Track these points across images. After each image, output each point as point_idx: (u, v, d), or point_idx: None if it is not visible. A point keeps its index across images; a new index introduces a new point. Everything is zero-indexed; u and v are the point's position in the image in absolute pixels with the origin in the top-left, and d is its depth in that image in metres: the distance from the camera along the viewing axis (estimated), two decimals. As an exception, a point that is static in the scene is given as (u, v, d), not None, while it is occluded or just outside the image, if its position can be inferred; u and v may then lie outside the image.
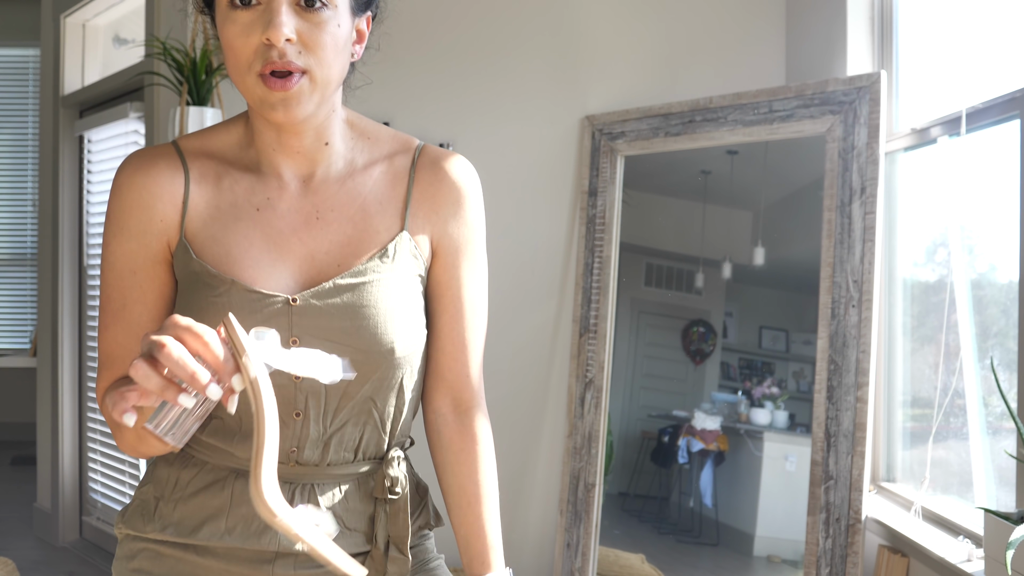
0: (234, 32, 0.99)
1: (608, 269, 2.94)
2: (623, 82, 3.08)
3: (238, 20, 0.99)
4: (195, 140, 1.12)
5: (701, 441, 2.77)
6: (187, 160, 1.09)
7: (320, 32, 0.99)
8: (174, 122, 2.85)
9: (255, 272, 1.06)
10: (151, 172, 1.07)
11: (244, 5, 0.98)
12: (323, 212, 1.09)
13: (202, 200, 1.08)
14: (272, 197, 1.09)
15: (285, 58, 0.97)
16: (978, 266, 2.28)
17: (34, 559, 3.86)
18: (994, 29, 2.25)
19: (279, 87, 0.98)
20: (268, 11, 0.97)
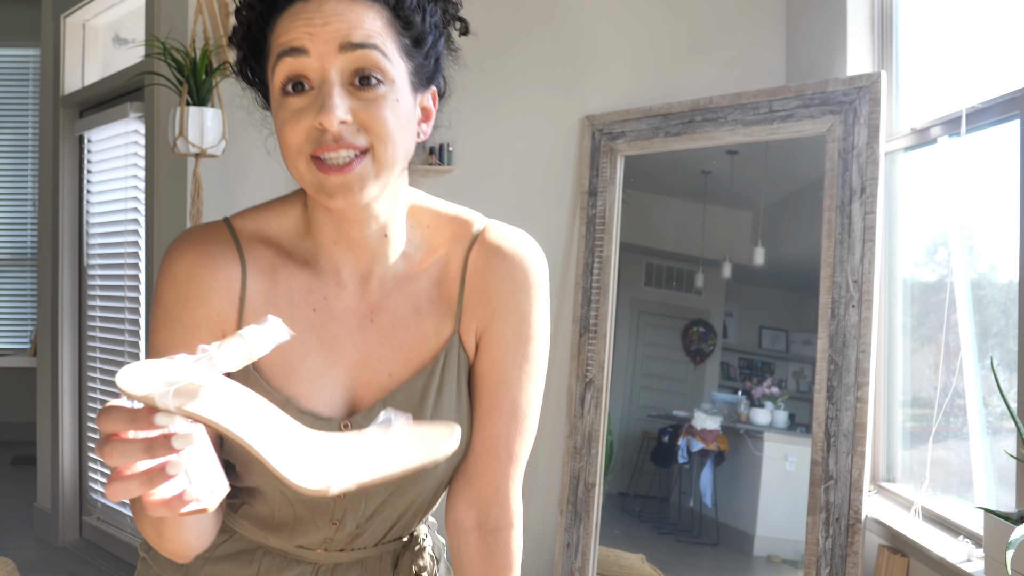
0: (284, 118, 0.92)
1: (608, 269, 2.94)
2: (623, 82, 3.08)
3: (290, 106, 0.92)
4: (250, 222, 1.04)
5: (701, 441, 2.77)
6: (243, 247, 1.01)
7: (378, 108, 0.91)
8: (174, 122, 2.85)
9: (310, 386, 1.00)
10: (208, 264, 0.99)
11: (296, 92, 0.91)
12: (378, 314, 1.02)
13: (259, 295, 1.01)
14: (329, 297, 1.02)
15: (342, 140, 0.90)
16: (978, 266, 2.28)
17: (34, 559, 3.86)
18: (994, 29, 2.25)
19: (337, 172, 0.90)
20: (321, 94, 0.90)
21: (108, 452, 0.70)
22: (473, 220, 1.06)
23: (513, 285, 1.04)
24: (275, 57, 0.92)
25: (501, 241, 1.05)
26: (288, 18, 0.92)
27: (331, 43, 0.90)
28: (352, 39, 0.90)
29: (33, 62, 6.11)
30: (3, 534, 4.24)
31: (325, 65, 0.90)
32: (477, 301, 1.04)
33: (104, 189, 3.86)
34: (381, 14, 0.93)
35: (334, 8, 0.91)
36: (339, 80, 0.90)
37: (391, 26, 0.93)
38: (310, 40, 0.90)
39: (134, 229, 3.62)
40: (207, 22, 2.93)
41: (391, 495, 1.04)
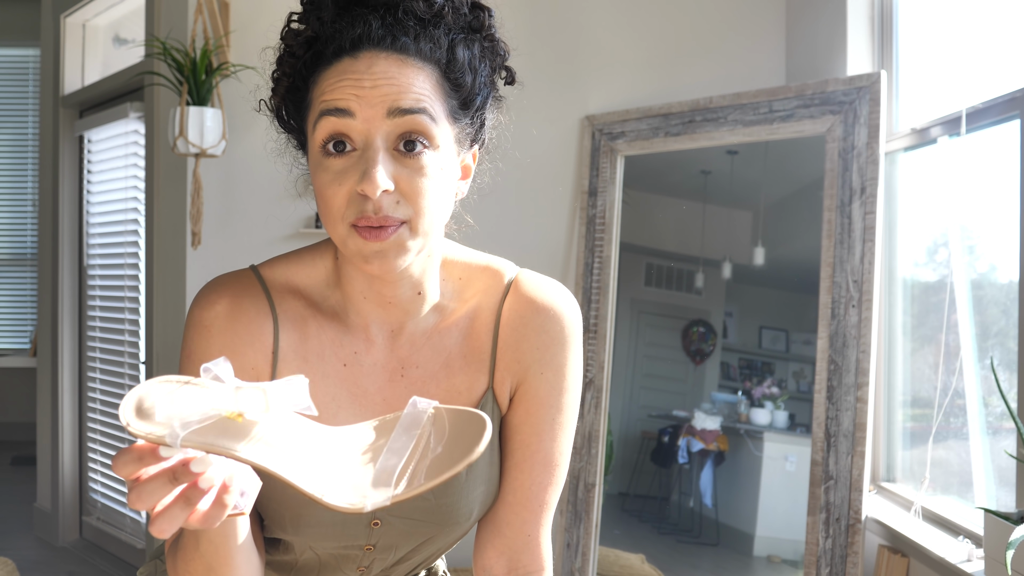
0: (326, 180, 0.89)
1: (608, 269, 2.94)
2: (623, 82, 3.08)
3: (331, 168, 0.88)
4: (279, 271, 1.01)
5: (701, 441, 2.77)
6: (274, 299, 0.99)
7: (421, 179, 0.88)
8: (174, 122, 2.85)
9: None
10: (241, 316, 0.97)
11: (338, 151, 0.88)
12: (408, 369, 1.01)
13: (290, 348, 0.98)
14: (359, 351, 1.00)
15: (381, 213, 0.87)
16: (978, 266, 2.28)
17: (34, 559, 3.86)
18: (994, 29, 2.25)
19: (373, 238, 0.87)
20: (364, 160, 0.87)
21: (136, 498, 0.71)
22: (504, 270, 1.04)
23: (548, 339, 1.02)
24: (319, 114, 0.88)
25: (534, 293, 1.03)
26: (335, 74, 0.89)
27: (379, 107, 0.86)
28: (401, 105, 0.87)
29: (33, 62, 6.11)
30: (3, 534, 4.24)
31: (371, 129, 0.87)
32: (511, 356, 1.02)
33: (104, 189, 3.86)
34: (431, 76, 0.90)
35: (384, 70, 0.88)
36: (384, 145, 0.87)
37: (440, 88, 0.90)
38: (357, 102, 0.87)
39: (134, 229, 3.62)
40: (207, 22, 2.93)
41: (421, 544, 1.04)
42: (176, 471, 0.70)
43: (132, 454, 0.71)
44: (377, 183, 0.85)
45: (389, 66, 0.88)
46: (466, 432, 0.76)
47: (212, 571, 0.87)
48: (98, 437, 3.91)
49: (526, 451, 1.03)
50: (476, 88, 0.94)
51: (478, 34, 0.94)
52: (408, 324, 1.00)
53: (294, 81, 0.93)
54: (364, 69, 0.87)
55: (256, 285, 0.99)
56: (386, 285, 0.97)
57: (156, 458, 0.70)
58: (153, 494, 0.70)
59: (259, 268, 1.01)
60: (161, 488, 0.70)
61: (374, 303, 0.98)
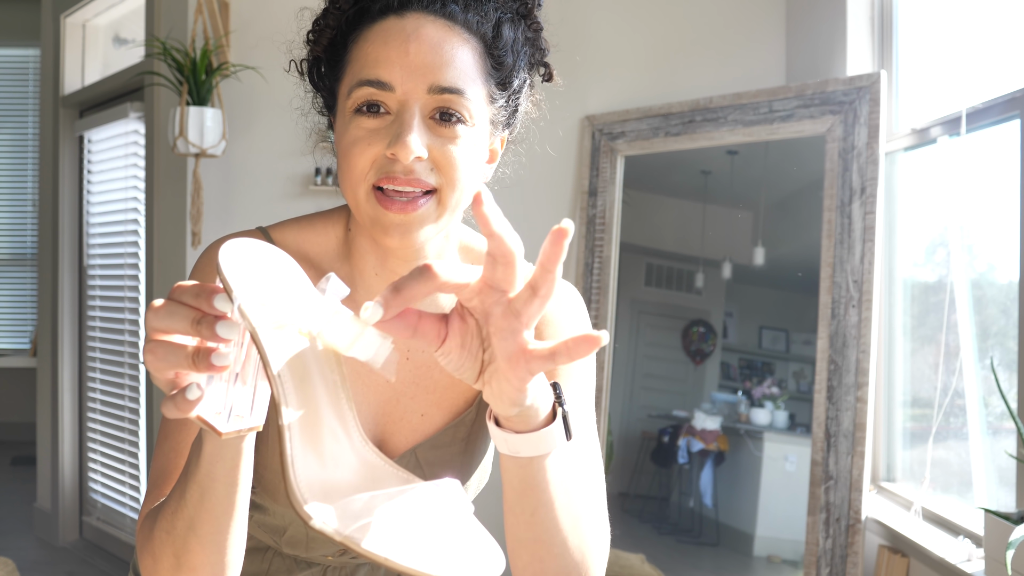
0: (355, 137, 0.85)
1: (608, 269, 2.95)
2: (623, 82, 3.08)
3: (362, 126, 0.85)
4: (291, 235, 0.97)
5: (701, 441, 2.77)
6: None
7: (455, 149, 0.85)
8: (174, 122, 2.85)
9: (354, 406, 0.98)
10: None
11: (372, 112, 0.85)
12: (414, 353, 0.99)
13: None
14: None
15: (412, 175, 0.83)
16: (978, 266, 2.28)
17: (34, 559, 3.86)
18: (994, 29, 2.25)
19: (399, 209, 0.84)
20: (398, 122, 0.84)
21: (151, 349, 0.66)
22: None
23: (555, 331, 1.00)
24: (356, 82, 0.85)
25: None
26: (378, 34, 0.86)
27: (419, 82, 0.84)
28: (442, 82, 0.84)
29: (33, 62, 6.11)
30: (3, 534, 4.24)
31: (409, 99, 0.84)
32: None
33: (104, 189, 3.86)
34: (476, 49, 0.88)
35: (430, 35, 0.85)
36: (420, 112, 0.85)
37: (482, 63, 0.88)
38: (399, 72, 0.84)
39: (134, 229, 3.62)
40: (207, 22, 2.93)
41: None
42: (200, 351, 0.65)
43: (195, 288, 0.66)
44: (411, 148, 0.82)
45: (435, 31, 0.85)
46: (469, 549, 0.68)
47: (193, 531, 0.79)
48: (98, 437, 3.91)
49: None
50: (515, 71, 0.92)
51: (525, 20, 0.93)
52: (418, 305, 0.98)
53: (336, 35, 0.90)
54: (410, 31, 0.85)
55: None
56: (400, 262, 0.93)
57: (208, 304, 0.65)
58: (167, 359, 0.66)
59: (269, 231, 0.97)
60: (178, 360, 0.65)
61: (385, 281, 0.95)
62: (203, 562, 0.80)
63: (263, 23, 3.01)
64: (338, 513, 0.65)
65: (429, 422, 1.00)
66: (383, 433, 1.00)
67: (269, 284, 0.67)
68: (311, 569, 1.07)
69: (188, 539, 0.79)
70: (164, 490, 0.89)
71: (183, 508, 0.79)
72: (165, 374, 0.67)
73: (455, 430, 1.01)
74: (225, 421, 0.68)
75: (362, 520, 0.66)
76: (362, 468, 0.70)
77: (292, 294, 0.68)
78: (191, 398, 0.65)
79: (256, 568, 1.07)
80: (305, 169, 3.00)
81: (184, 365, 0.65)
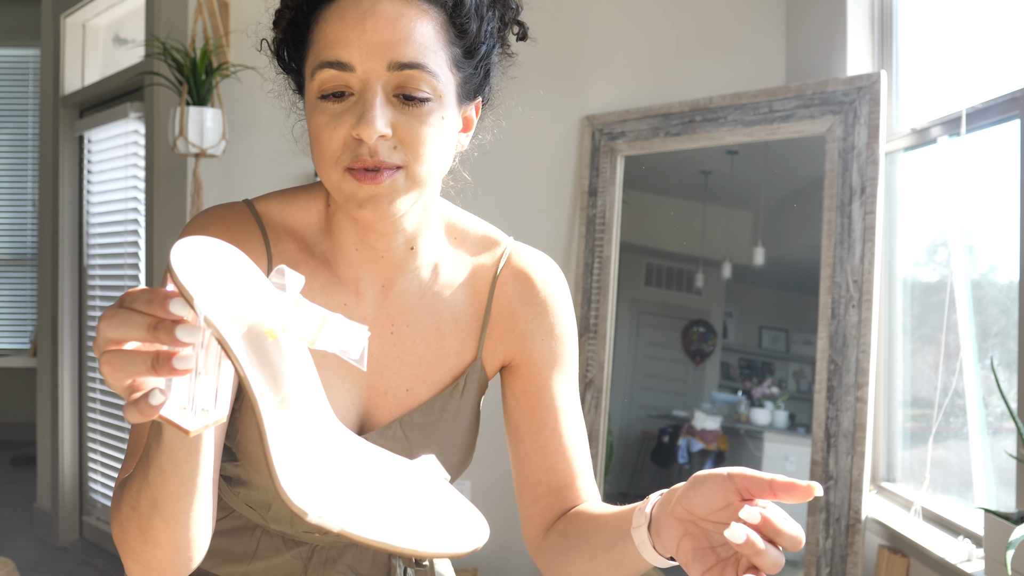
0: (321, 123, 0.87)
1: (608, 269, 2.95)
2: (623, 82, 3.08)
3: (327, 111, 0.86)
4: (275, 208, 0.98)
5: (701, 441, 2.77)
6: (269, 237, 0.96)
7: (420, 126, 0.86)
8: (174, 122, 2.85)
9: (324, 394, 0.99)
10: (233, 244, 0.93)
11: (335, 98, 0.86)
12: (398, 327, 0.99)
13: None
14: (348, 303, 0.98)
15: (377, 156, 0.85)
16: (978, 266, 2.28)
17: (34, 559, 3.86)
18: (994, 29, 2.25)
19: (368, 180, 0.85)
20: (361, 103, 0.85)
21: (108, 360, 0.64)
22: (501, 240, 1.05)
23: (541, 308, 1.04)
24: (317, 64, 0.87)
25: (526, 266, 1.04)
26: (336, 13, 0.87)
27: (379, 59, 0.85)
28: (401, 58, 0.85)
29: (33, 62, 6.11)
30: (3, 534, 4.24)
31: (370, 78, 0.85)
32: (505, 325, 1.03)
33: (104, 189, 3.86)
34: (436, 20, 0.88)
35: (386, 11, 0.85)
36: (383, 91, 0.85)
37: (444, 33, 0.88)
38: (357, 51, 0.85)
39: (134, 229, 3.62)
40: (207, 22, 2.93)
41: None
42: (160, 357, 0.63)
43: (147, 294, 0.64)
44: (375, 127, 0.84)
45: (392, 7, 0.86)
46: (456, 521, 0.71)
47: (157, 510, 0.79)
48: (98, 437, 3.91)
49: (557, 416, 1.04)
50: (482, 36, 0.92)
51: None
52: (400, 280, 0.99)
53: (296, 16, 0.91)
54: (367, 8, 0.85)
55: (252, 220, 0.97)
56: (379, 237, 0.95)
57: (163, 309, 0.63)
58: (125, 368, 0.64)
59: (254, 203, 0.98)
60: (136, 366, 0.64)
61: (365, 256, 0.97)
62: (168, 539, 0.81)
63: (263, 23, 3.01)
64: (329, 502, 0.66)
65: (414, 396, 1.01)
66: (368, 407, 1.00)
67: (226, 283, 0.66)
68: (299, 548, 1.07)
69: (152, 517, 0.80)
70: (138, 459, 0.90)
71: (146, 488, 0.79)
72: (122, 382, 0.65)
73: (442, 402, 1.01)
74: (191, 417, 0.66)
75: (351, 506, 0.67)
76: (343, 452, 0.71)
77: (250, 291, 0.67)
78: (155, 403, 0.64)
79: (244, 547, 1.07)
80: (305, 169, 3.00)
81: (144, 372, 0.64)
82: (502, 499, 3.14)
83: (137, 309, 0.64)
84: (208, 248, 0.67)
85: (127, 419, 0.65)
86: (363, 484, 0.71)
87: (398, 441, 1.00)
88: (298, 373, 0.70)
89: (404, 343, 1.00)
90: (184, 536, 0.82)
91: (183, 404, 0.66)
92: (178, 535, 0.81)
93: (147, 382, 0.65)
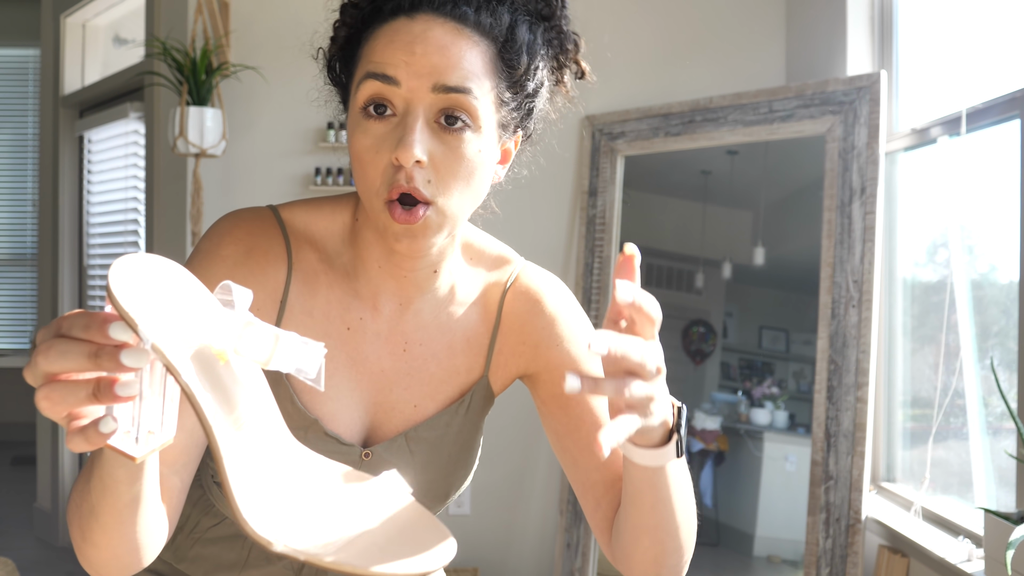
0: (364, 145, 0.86)
1: (608, 269, 2.94)
2: (623, 82, 3.08)
3: (370, 131, 0.86)
4: (300, 216, 0.98)
5: (701, 441, 2.77)
6: (292, 247, 0.96)
7: (457, 159, 0.86)
8: (174, 122, 2.85)
9: (334, 406, 0.97)
10: (258, 256, 0.94)
11: (378, 115, 0.86)
12: (411, 345, 1.00)
13: (298, 301, 0.96)
14: (365, 318, 0.98)
15: (412, 183, 0.85)
16: (978, 266, 2.28)
17: (34, 559, 3.86)
18: (994, 29, 2.25)
19: (403, 219, 0.85)
20: (402, 125, 0.85)
21: (46, 395, 0.60)
22: (512, 260, 1.06)
23: (551, 320, 1.03)
24: (364, 75, 0.86)
25: (533, 284, 1.05)
26: (387, 33, 0.86)
27: (425, 79, 0.84)
28: (447, 82, 0.85)
29: (33, 62, 6.11)
30: (3, 534, 4.24)
31: (414, 99, 0.85)
32: (515, 340, 1.03)
33: (104, 189, 3.86)
34: (486, 53, 0.87)
35: (437, 38, 0.85)
36: (424, 115, 0.85)
37: (492, 67, 0.88)
38: (405, 70, 0.84)
39: (134, 229, 3.62)
40: (207, 22, 2.93)
41: None
42: (101, 384, 0.60)
43: (84, 319, 0.60)
44: (412, 152, 0.83)
45: (444, 34, 0.86)
46: (422, 539, 0.68)
47: (95, 516, 0.77)
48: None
49: (592, 413, 1.01)
50: (530, 74, 0.92)
51: (546, 21, 0.93)
52: (417, 299, 0.99)
53: (351, 32, 0.91)
54: (418, 32, 0.85)
55: (276, 227, 0.97)
56: (404, 260, 0.95)
57: (102, 334, 0.59)
58: (65, 399, 0.60)
59: (279, 209, 0.98)
60: (77, 397, 0.60)
61: (388, 274, 0.96)
62: (106, 543, 0.80)
63: (263, 23, 3.01)
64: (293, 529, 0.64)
65: (421, 412, 1.01)
66: (373, 421, 1.00)
67: (170, 304, 0.61)
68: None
69: (90, 522, 0.79)
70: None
71: (87, 494, 0.77)
72: (61, 414, 0.62)
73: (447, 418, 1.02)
74: (135, 443, 0.62)
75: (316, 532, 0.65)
76: (303, 474, 0.69)
77: (197, 311, 0.63)
78: (106, 431, 0.60)
79: (235, 556, 1.07)
80: (305, 169, 3.00)
81: (86, 402, 0.60)
82: (502, 499, 3.15)
83: (74, 336, 0.60)
84: (150, 266, 0.63)
85: (71, 449, 0.62)
86: (326, 507, 0.68)
87: (402, 455, 1.00)
88: (251, 394, 0.67)
89: (416, 361, 1.00)
90: (123, 543, 0.80)
91: (126, 428, 0.62)
92: (115, 541, 0.80)
93: (88, 410, 0.62)
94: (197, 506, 1.09)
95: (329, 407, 0.97)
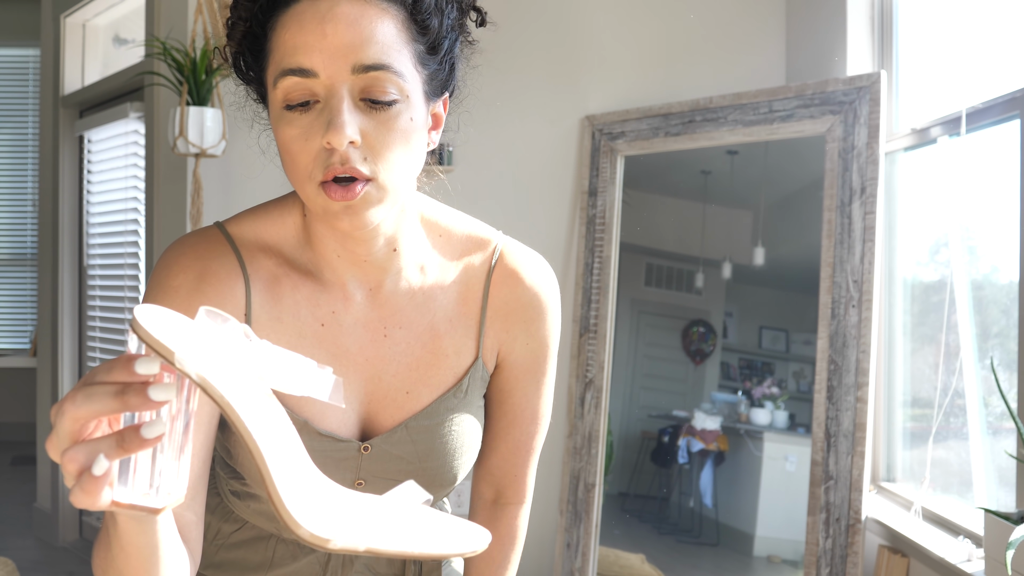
0: (291, 135, 0.85)
1: (608, 269, 2.94)
2: (623, 82, 3.08)
3: (295, 122, 0.84)
4: (247, 228, 0.97)
5: (701, 441, 2.77)
6: (244, 259, 0.95)
7: (389, 132, 0.84)
8: (174, 122, 2.85)
9: (322, 404, 0.96)
10: (210, 279, 0.91)
11: (302, 108, 0.84)
12: (391, 329, 0.99)
13: (264, 311, 0.94)
14: (337, 310, 0.97)
15: (348, 163, 0.83)
16: (979, 266, 2.28)
17: (34, 559, 3.86)
18: (994, 29, 2.25)
19: (340, 196, 0.84)
20: (328, 109, 0.83)
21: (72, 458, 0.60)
22: (491, 239, 1.04)
23: (533, 313, 1.05)
24: (279, 72, 0.84)
25: (519, 267, 1.04)
26: (293, 19, 0.84)
27: (342, 61, 0.82)
28: (365, 61, 0.83)
29: (33, 62, 6.11)
30: (3, 534, 4.24)
31: (334, 83, 0.83)
32: (500, 325, 1.04)
33: (104, 189, 3.86)
34: (396, 18, 0.85)
35: (346, 13, 0.83)
36: (349, 94, 0.83)
37: (406, 31, 0.86)
38: (319, 56, 0.82)
39: (134, 229, 3.62)
40: (207, 22, 2.93)
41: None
42: (126, 433, 0.60)
43: (106, 364, 0.60)
44: (344, 133, 0.82)
45: (351, 8, 0.83)
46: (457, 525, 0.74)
47: (111, 559, 0.78)
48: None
49: (516, 410, 1.09)
50: (444, 31, 0.90)
51: None
52: (386, 282, 0.98)
53: (251, 27, 0.88)
54: (325, 11, 0.83)
55: (225, 244, 0.95)
56: (359, 243, 0.93)
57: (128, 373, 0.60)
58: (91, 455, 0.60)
59: (226, 225, 0.97)
60: (106, 449, 0.60)
61: (348, 262, 0.95)
62: None
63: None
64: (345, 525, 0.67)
65: (416, 399, 1.00)
66: (369, 412, 1.00)
67: (193, 335, 0.62)
68: (316, 553, 1.07)
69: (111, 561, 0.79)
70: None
71: (112, 560, 0.78)
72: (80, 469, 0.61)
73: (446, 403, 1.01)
74: (155, 497, 0.62)
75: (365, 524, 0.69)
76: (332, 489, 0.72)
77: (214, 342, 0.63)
78: (98, 473, 0.60)
79: (261, 557, 1.07)
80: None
81: (114, 455, 0.60)
82: (502, 499, 3.14)
83: (99, 381, 0.60)
84: (166, 312, 0.65)
85: (74, 504, 0.61)
86: (363, 501, 0.72)
87: (404, 445, 1.00)
88: (275, 409, 0.68)
89: (399, 345, 0.99)
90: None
91: (144, 483, 0.62)
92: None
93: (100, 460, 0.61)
94: (216, 513, 1.09)
95: (318, 406, 0.96)
